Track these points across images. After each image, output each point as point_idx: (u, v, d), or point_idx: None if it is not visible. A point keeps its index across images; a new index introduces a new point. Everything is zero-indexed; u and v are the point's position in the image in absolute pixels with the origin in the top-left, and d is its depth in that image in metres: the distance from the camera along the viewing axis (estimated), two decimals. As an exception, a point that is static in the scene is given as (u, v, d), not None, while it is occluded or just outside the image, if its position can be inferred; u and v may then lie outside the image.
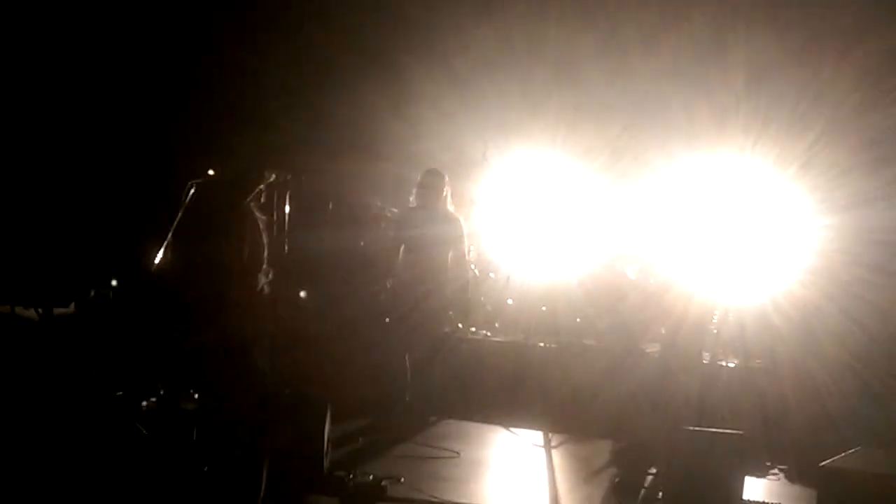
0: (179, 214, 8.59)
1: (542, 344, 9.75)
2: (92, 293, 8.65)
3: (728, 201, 8.75)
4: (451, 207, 8.69)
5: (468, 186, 9.71)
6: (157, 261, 8.43)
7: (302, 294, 10.09)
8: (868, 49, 8.69)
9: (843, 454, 6.10)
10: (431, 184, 8.63)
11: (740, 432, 6.65)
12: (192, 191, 8.59)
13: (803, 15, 9.08)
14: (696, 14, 9.53)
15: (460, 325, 9.79)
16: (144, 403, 7.20)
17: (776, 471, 7.70)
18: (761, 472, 7.57)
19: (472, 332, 10.06)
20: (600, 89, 9.95)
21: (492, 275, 10.44)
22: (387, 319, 8.86)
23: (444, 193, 8.64)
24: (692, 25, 9.52)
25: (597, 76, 9.94)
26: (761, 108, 8.87)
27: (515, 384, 9.41)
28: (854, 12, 8.76)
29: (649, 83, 9.68)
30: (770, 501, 6.85)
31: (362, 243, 10.23)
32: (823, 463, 6.05)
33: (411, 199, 8.75)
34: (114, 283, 8.71)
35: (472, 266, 9.89)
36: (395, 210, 9.83)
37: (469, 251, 8.99)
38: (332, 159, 10.15)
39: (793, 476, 7.57)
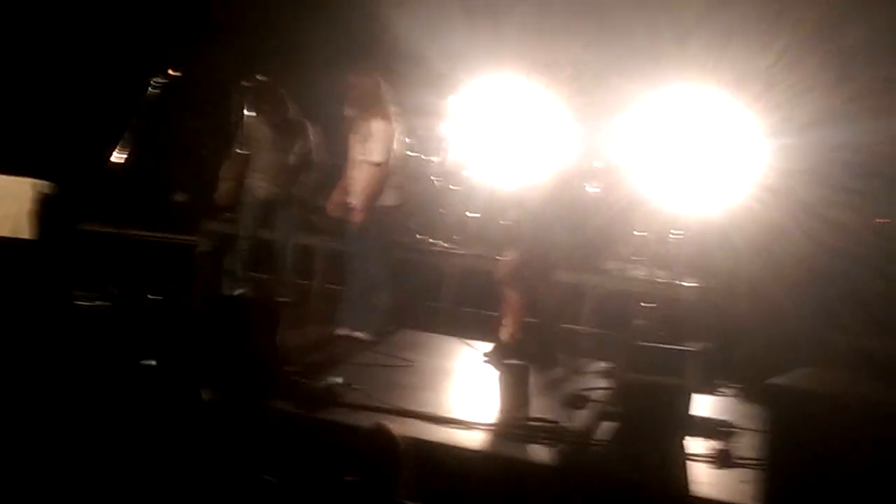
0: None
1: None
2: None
3: (688, 120, 8.70)
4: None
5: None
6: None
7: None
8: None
9: (789, 372, 6.14)
10: None
11: (692, 348, 6.70)
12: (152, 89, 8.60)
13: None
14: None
15: (418, 237, 9.79)
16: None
17: (727, 389, 7.76)
18: (712, 389, 7.63)
19: (431, 243, 10.01)
20: (561, 6, 9.85)
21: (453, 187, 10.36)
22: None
23: None
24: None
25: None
26: (723, 28, 8.78)
27: (473, 298, 9.45)
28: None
29: (611, 4, 9.58)
30: (716, 417, 6.91)
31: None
32: (768, 380, 6.09)
33: None
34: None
35: (433, 177, 9.87)
36: None
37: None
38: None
39: (745, 395, 7.64)
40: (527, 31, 9.83)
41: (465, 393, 7.49)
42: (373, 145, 8.38)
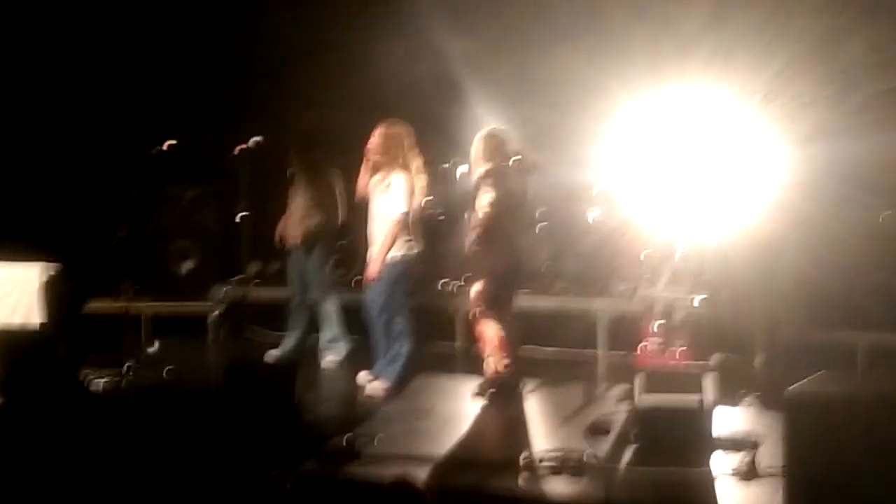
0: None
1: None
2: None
3: (690, 134, 8.73)
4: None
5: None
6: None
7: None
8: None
9: (805, 379, 6.14)
10: None
11: (706, 365, 6.70)
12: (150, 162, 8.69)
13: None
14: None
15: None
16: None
17: (748, 399, 7.76)
18: (732, 402, 7.63)
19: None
20: (565, 21, 9.91)
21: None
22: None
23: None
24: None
25: (559, 5, 9.91)
26: (725, 40, 8.83)
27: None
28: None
29: (613, 17, 9.63)
30: (739, 434, 6.90)
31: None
32: (788, 389, 6.09)
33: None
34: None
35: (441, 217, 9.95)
36: None
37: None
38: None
39: (763, 404, 7.63)
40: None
41: (485, 433, 7.49)
42: (395, 196, 8.44)
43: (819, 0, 8.69)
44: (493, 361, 8.16)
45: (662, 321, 8.00)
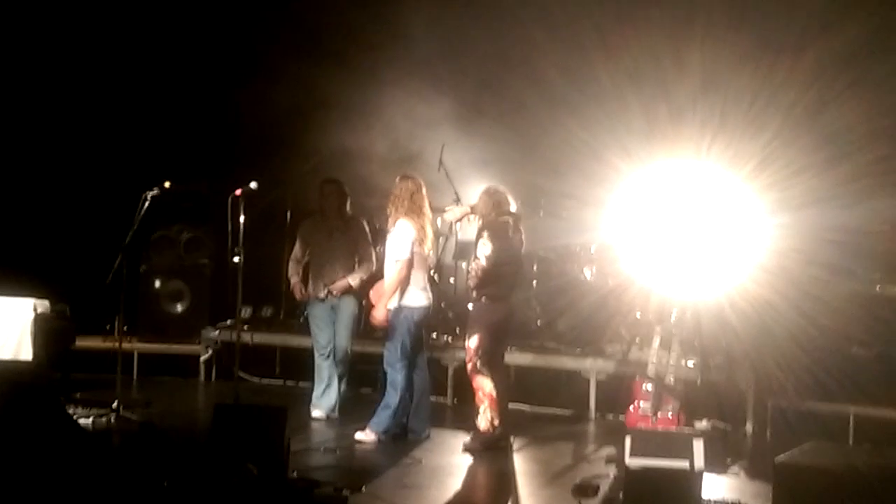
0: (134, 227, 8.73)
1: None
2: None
3: (685, 200, 8.79)
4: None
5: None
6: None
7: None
8: (822, 48, 8.77)
9: (796, 449, 6.16)
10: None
11: (695, 430, 6.70)
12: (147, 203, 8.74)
13: (759, 14, 9.16)
14: (654, 15, 9.60)
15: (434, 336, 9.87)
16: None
17: (736, 467, 7.76)
18: (720, 469, 7.62)
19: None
20: (558, 86, 10.01)
21: (451, 280, 10.50)
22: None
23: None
24: (650, 25, 9.59)
25: (554, 74, 10.01)
26: (718, 108, 8.93)
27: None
28: (807, 13, 8.84)
29: (608, 83, 9.74)
30: (728, 499, 6.89)
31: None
32: (778, 458, 6.11)
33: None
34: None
35: (431, 271, 9.95)
36: None
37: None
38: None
39: (751, 472, 7.63)
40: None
41: (473, 489, 7.47)
42: (396, 243, 8.50)
43: (810, 69, 8.78)
44: (486, 418, 8.17)
45: (653, 384, 8.00)
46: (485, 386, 8.18)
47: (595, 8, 9.84)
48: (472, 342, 8.22)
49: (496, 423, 8.15)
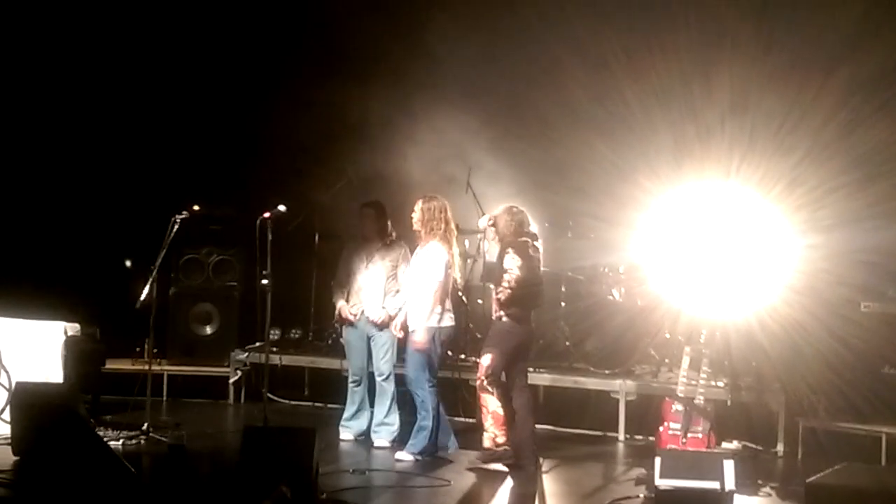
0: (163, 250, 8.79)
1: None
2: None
3: (714, 220, 8.77)
4: None
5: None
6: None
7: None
8: (852, 68, 8.75)
9: (828, 470, 6.11)
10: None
11: (726, 451, 6.67)
12: (176, 226, 8.80)
13: (788, 35, 9.14)
14: (682, 35, 9.59)
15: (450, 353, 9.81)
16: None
17: (767, 488, 7.71)
18: (751, 490, 7.57)
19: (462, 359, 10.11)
20: (586, 107, 10.01)
21: (479, 301, 10.49)
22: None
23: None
24: (678, 47, 9.58)
25: (581, 95, 10.01)
26: (747, 128, 8.92)
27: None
28: (837, 35, 8.82)
29: (636, 103, 9.74)
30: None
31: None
32: (809, 479, 6.06)
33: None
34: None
35: (459, 292, 9.95)
36: None
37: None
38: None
39: (782, 493, 7.57)
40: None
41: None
42: (431, 265, 8.53)
43: (840, 90, 8.75)
44: (489, 436, 8.17)
45: (683, 404, 7.96)
46: (490, 404, 8.17)
47: (623, 30, 9.85)
48: (485, 360, 8.21)
49: (500, 440, 8.14)
